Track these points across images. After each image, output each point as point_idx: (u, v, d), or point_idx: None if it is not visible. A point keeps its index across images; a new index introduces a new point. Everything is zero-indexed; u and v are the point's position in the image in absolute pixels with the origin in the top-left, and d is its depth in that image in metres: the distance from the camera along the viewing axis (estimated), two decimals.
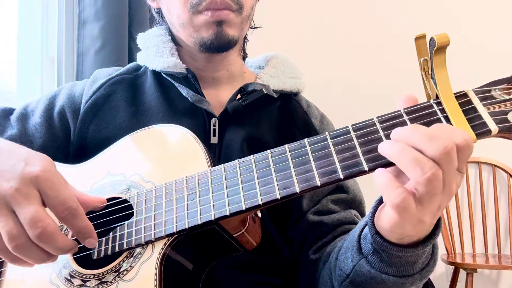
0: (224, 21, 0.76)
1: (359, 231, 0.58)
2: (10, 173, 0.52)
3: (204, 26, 0.76)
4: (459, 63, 1.92)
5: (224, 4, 0.75)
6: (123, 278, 0.57)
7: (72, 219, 0.53)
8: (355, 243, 0.57)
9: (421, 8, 2.23)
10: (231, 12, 0.76)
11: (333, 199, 0.80)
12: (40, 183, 0.52)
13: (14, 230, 0.50)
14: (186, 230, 0.56)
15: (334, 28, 2.19)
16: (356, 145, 0.50)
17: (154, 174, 0.64)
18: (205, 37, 0.77)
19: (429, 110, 0.49)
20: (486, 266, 1.98)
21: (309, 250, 0.77)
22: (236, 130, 0.78)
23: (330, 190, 0.80)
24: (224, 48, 0.79)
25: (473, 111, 0.47)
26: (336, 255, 0.66)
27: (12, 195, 0.51)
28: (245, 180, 0.55)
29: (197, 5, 0.75)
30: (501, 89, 0.49)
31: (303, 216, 0.79)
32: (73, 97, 0.84)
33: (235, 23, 0.77)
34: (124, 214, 0.63)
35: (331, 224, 0.77)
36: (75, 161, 0.75)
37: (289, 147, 0.55)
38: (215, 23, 0.76)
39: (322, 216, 0.78)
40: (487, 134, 0.46)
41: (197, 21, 0.76)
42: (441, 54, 0.47)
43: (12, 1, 1.35)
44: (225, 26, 0.76)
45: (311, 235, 0.78)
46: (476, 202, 2.24)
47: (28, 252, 0.52)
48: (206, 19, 0.75)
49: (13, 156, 0.55)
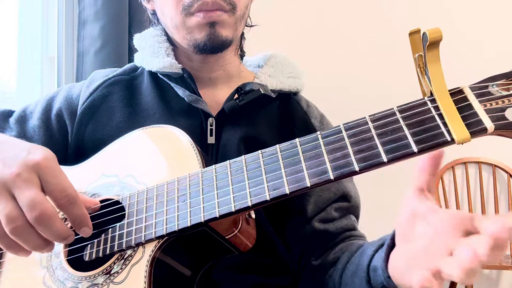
0: (216, 22, 0.75)
1: (368, 262, 0.59)
2: (12, 160, 0.53)
3: (197, 28, 0.76)
4: (458, 60, 1.90)
5: (216, 5, 0.74)
6: (113, 280, 0.57)
7: (71, 207, 0.54)
8: (364, 273, 0.58)
9: (421, 6, 2.21)
10: (224, 12, 0.75)
11: (336, 207, 0.80)
12: (41, 169, 0.53)
13: (13, 212, 0.51)
14: (176, 232, 0.55)
15: (333, 27, 2.18)
16: (348, 145, 0.49)
17: (147, 176, 0.64)
18: (198, 38, 0.76)
19: (423, 108, 0.47)
20: (486, 266, 1.95)
21: (311, 256, 0.78)
22: (233, 130, 0.78)
23: (335, 198, 0.81)
24: (218, 49, 0.78)
25: (469, 108, 0.46)
26: (341, 272, 0.67)
27: (13, 179, 0.51)
28: (236, 181, 0.54)
29: (189, 7, 0.75)
30: (499, 85, 0.47)
31: (307, 222, 0.78)
32: (70, 99, 0.84)
33: (228, 24, 0.77)
34: (117, 216, 0.62)
35: (334, 232, 0.78)
36: (74, 162, 0.75)
37: (280, 147, 0.54)
38: (208, 25, 0.75)
39: (327, 224, 0.78)
40: (483, 132, 0.44)
41: (190, 23, 0.76)
42: (434, 49, 0.45)
43: (12, 1, 1.35)
44: (218, 27, 0.76)
45: (315, 242, 0.78)
46: (476, 202, 2.22)
47: (25, 236, 0.52)
48: (198, 20, 0.75)
49: (16, 147, 0.56)
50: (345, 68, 2.16)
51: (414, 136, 0.46)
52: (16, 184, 0.51)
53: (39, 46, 1.37)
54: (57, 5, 1.39)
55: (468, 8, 2.21)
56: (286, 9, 2.13)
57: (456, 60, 1.70)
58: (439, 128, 0.46)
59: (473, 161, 2.22)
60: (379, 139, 0.47)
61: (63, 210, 0.54)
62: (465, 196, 2.21)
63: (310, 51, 2.07)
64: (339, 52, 2.16)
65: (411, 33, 0.49)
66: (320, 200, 0.79)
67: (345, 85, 2.14)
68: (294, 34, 2.09)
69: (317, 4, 2.17)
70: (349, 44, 2.17)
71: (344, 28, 2.18)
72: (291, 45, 1.72)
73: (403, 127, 0.47)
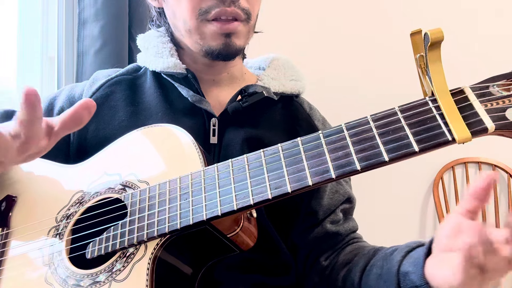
0: (233, 33, 0.75)
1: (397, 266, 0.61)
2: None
3: (212, 36, 0.75)
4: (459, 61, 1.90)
5: (234, 13, 0.74)
6: (115, 278, 0.57)
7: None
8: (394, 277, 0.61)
9: (422, 7, 2.21)
10: (240, 23, 0.75)
11: (341, 209, 0.84)
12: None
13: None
14: (178, 230, 0.56)
15: (334, 29, 2.18)
16: (349, 144, 0.49)
17: (149, 174, 0.64)
18: (213, 46, 0.76)
19: (424, 108, 0.48)
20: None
21: (320, 256, 0.80)
22: (236, 130, 0.78)
23: (343, 200, 0.84)
24: (231, 57, 0.79)
25: (470, 108, 0.46)
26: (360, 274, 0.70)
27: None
28: (238, 180, 0.55)
29: (206, 13, 0.74)
30: (500, 85, 0.47)
31: (319, 224, 0.81)
32: (72, 98, 0.84)
33: (243, 33, 0.77)
34: (119, 214, 0.62)
35: (344, 234, 0.82)
36: (76, 161, 0.75)
37: (282, 146, 0.54)
38: (224, 34, 0.75)
39: (338, 226, 0.82)
40: (484, 132, 0.45)
41: (205, 29, 0.75)
42: (436, 49, 0.45)
43: (12, 1, 1.35)
44: (234, 37, 0.75)
45: (327, 243, 0.81)
46: None
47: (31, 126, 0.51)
48: (214, 30, 0.74)
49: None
50: (345, 70, 2.16)
51: (415, 136, 0.47)
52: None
53: (39, 46, 1.36)
54: (57, 5, 1.38)
55: (467, 9, 2.22)
56: (287, 11, 2.14)
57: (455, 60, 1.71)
58: (440, 128, 0.46)
59: (473, 161, 2.22)
60: (380, 138, 0.48)
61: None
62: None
63: (311, 52, 2.07)
64: (339, 53, 2.17)
65: (412, 33, 0.49)
66: (332, 203, 0.82)
67: (345, 86, 2.14)
68: (295, 36, 2.09)
69: (318, 6, 2.17)
70: (349, 44, 2.17)
71: (344, 29, 2.18)
72: (292, 46, 1.72)
73: (404, 127, 0.48)
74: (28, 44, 1.36)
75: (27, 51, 1.36)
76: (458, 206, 0.49)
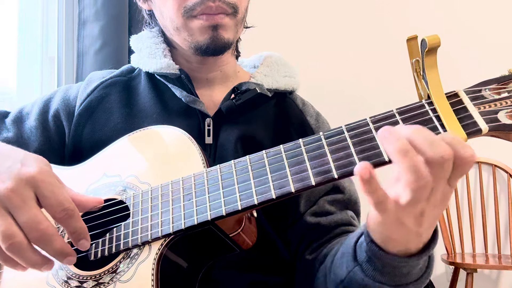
0: (219, 25, 0.75)
1: (355, 239, 0.58)
2: (6, 174, 0.52)
3: (199, 31, 0.76)
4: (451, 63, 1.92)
5: (219, 9, 0.74)
6: (120, 279, 0.57)
7: (69, 220, 0.53)
8: (351, 250, 0.58)
9: (416, 9, 2.22)
10: (226, 16, 0.76)
11: (329, 200, 0.80)
12: (36, 183, 0.52)
13: (9, 230, 0.50)
14: (182, 230, 0.56)
15: (329, 27, 2.19)
16: (350, 145, 0.50)
17: (150, 175, 0.65)
18: (200, 41, 0.76)
19: (421, 110, 0.49)
20: (486, 266, 1.97)
21: (306, 250, 0.77)
22: (230, 129, 0.78)
23: (326, 190, 0.80)
24: (219, 51, 0.79)
25: (464, 110, 0.48)
26: (332, 258, 0.66)
27: (8, 195, 0.51)
28: (241, 180, 0.56)
29: (191, 10, 0.74)
30: (491, 89, 0.49)
31: (300, 218, 0.79)
32: (67, 100, 0.84)
33: (230, 27, 0.77)
34: (121, 215, 0.63)
35: (328, 226, 0.77)
36: (71, 163, 0.75)
37: (284, 147, 0.55)
38: (211, 28, 0.75)
39: (319, 218, 0.78)
40: (478, 133, 0.46)
41: (192, 25, 0.76)
42: (432, 55, 0.47)
43: (12, 1, 1.36)
44: (221, 30, 0.76)
45: (308, 236, 0.77)
46: (476, 202, 2.22)
47: (22, 253, 0.51)
48: (201, 23, 0.75)
49: (10, 158, 0.55)
50: (340, 68, 2.17)
51: None
52: (12, 201, 0.51)
53: (39, 46, 1.37)
54: (57, 5, 1.39)
55: (461, 12, 2.23)
56: (281, 9, 2.14)
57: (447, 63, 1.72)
58: (437, 129, 0.48)
59: None
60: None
61: (61, 223, 0.53)
62: (465, 196, 2.21)
63: (306, 52, 2.08)
64: (334, 52, 2.17)
65: (409, 39, 0.51)
66: (311, 194, 0.79)
67: (340, 85, 2.15)
68: (289, 35, 2.09)
69: (313, 5, 2.18)
70: (344, 44, 2.18)
71: (339, 28, 2.19)
72: (286, 45, 1.73)
73: None
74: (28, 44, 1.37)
75: (27, 51, 1.36)
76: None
